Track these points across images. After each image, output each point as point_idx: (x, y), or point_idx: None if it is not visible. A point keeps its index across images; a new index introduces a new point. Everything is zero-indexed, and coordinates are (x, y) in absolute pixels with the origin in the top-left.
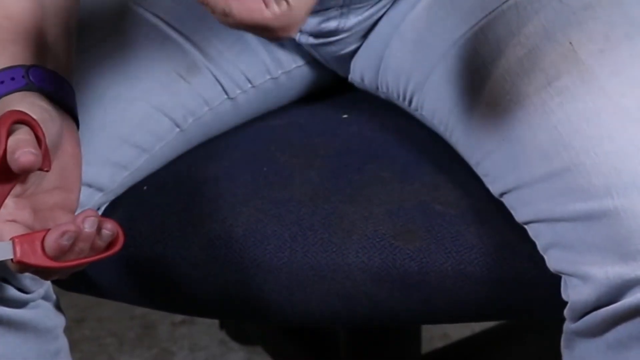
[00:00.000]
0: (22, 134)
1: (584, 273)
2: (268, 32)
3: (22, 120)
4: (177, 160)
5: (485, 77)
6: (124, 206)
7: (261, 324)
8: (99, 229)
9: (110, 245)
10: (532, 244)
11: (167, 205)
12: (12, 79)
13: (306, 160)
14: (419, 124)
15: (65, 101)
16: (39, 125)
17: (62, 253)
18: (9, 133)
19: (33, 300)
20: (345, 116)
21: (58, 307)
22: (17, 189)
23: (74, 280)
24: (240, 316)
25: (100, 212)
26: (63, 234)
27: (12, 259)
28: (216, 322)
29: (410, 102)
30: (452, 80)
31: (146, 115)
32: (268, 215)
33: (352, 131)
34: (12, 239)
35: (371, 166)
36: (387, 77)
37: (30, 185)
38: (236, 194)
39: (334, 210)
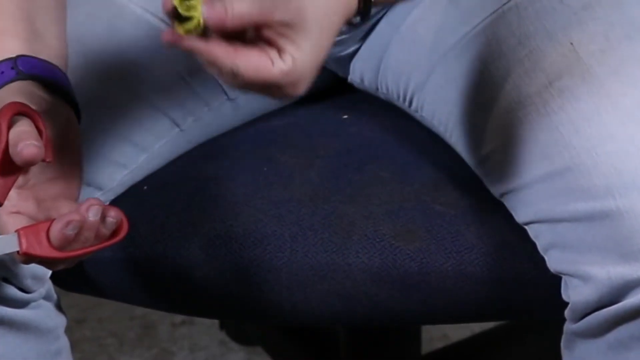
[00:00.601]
0: (23, 126)
1: (585, 273)
2: (277, 90)
3: (22, 111)
4: (177, 160)
5: (486, 78)
6: (124, 206)
7: (261, 324)
8: (102, 217)
9: (114, 233)
10: (532, 245)
11: (167, 205)
12: (2, 72)
13: (306, 160)
14: (419, 125)
15: (61, 88)
16: (39, 116)
17: (67, 243)
18: (10, 125)
19: (34, 300)
20: (345, 117)
21: (59, 307)
22: (20, 180)
23: (75, 281)
24: (240, 316)
25: None
26: (68, 223)
27: (18, 251)
28: (216, 322)
29: (410, 103)
30: (452, 81)
31: (146, 114)
32: (268, 215)
33: (352, 132)
34: (17, 231)
35: (371, 166)
36: (387, 78)
37: (33, 176)
38: (236, 193)
39: (334, 211)
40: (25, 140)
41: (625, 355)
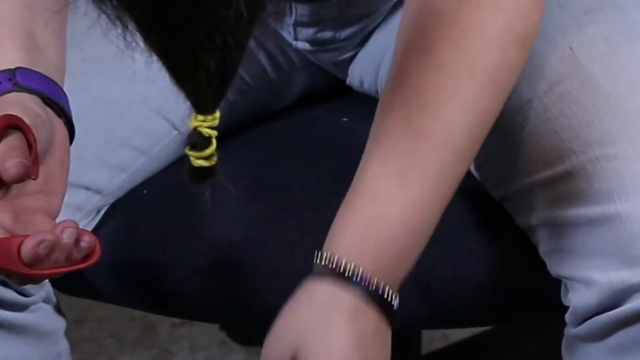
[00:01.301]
0: (14, 141)
1: (587, 277)
2: None
3: (15, 124)
4: (177, 164)
5: None
6: (124, 210)
7: (261, 328)
8: (77, 241)
9: (86, 257)
10: (533, 249)
11: (167, 209)
12: None
13: (306, 164)
14: None
15: (56, 102)
16: (31, 130)
17: (37, 261)
18: (1, 137)
19: (34, 304)
20: (345, 119)
21: (59, 309)
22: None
23: (73, 284)
24: (239, 321)
25: (100, 215)
26: (40, 242)
27: None
28: None
29: None
30: None
31: (144, 117)
32: (268, 220)
33: (353, 134)
34: None
35: None
36: None
37: (14, 189)
38: (236, 198)
39: (334, 215)
40: (14, 157)
41: (626, 359)
